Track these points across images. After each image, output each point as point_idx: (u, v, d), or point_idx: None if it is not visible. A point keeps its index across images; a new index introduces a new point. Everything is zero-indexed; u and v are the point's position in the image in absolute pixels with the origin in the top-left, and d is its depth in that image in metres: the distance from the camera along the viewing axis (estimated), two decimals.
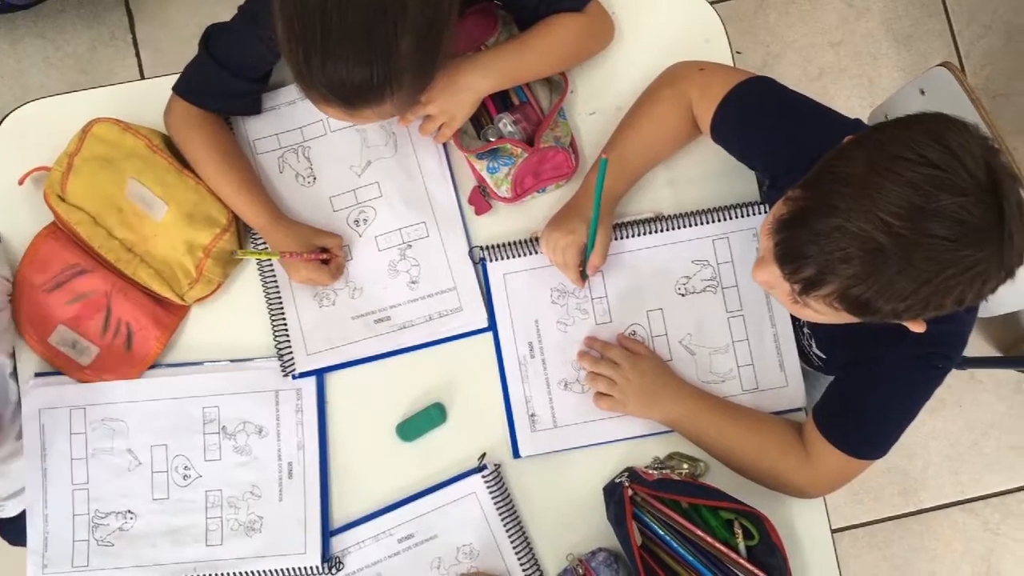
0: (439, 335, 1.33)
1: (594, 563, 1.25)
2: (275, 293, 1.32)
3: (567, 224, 1.26)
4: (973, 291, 0.91)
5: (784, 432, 1.25)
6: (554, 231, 1.27)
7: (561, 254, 1.27)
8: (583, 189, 1.30)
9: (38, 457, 1.31)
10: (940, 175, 0.88)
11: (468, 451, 1.31)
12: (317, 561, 1.27)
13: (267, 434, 1.30)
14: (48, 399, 1.32)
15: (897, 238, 0.89)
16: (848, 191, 0.91)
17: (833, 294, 0.95)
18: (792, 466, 1.22)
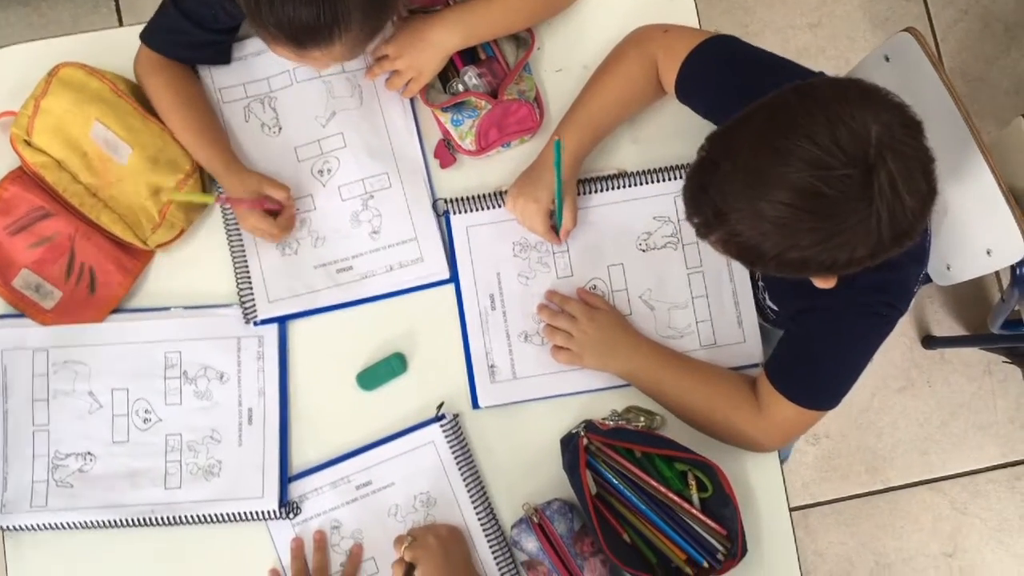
0: (400, 285, 1.34)
1: (549, 512, 1.26)
2: (238, 240, 1.33)
3: (532, 192, 1.28)
4: (843, 255, 0.94)
5: (737, 385, 1.26)
6: (518, 197, 1.29)
7: (529, 220, 1.29)
8: (544, 157, 1.30)
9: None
10: (812, 150, 0.89)
11: (428, 401, 1.32)
12: (274, 505, 1.28)
13: (228, 380, 1.31)
14: (10, 341, 1.32)
15: (767, 204, 0.92)
16: (732, 152, 0.95)
17: (719, 242, 1.00)
18: (745, 418, 1.24)
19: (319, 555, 1.28)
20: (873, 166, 0.88)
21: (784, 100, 0.94)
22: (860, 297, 1.12)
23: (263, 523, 1.30)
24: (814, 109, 0.91)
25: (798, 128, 0.90)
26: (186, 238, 1.35)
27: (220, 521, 1.29)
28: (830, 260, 0.95)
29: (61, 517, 1.28)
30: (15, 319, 1.33)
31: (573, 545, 1.25)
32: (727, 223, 0.96)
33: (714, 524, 1.24)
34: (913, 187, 0.91)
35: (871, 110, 0.90)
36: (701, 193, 0.98)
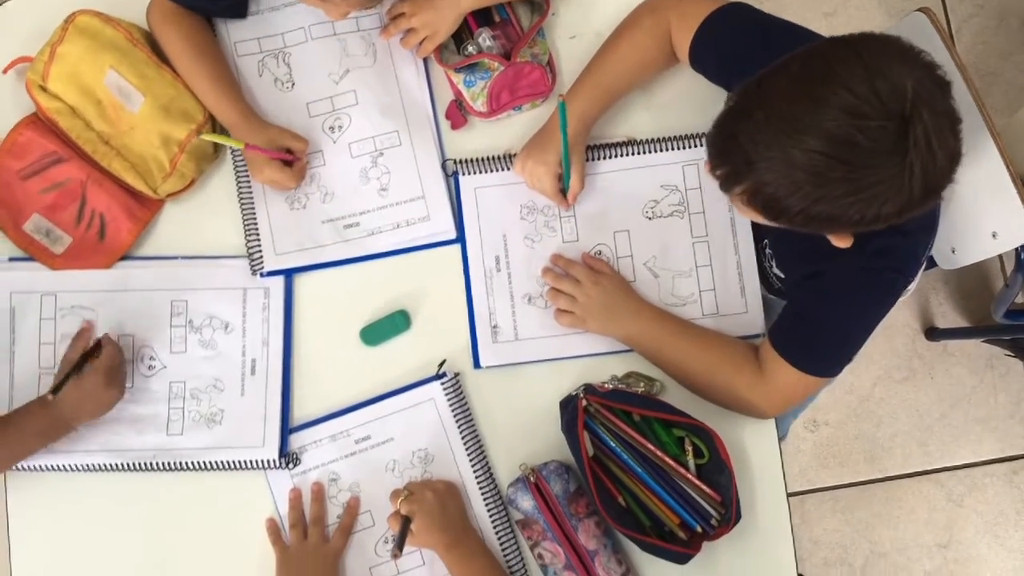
0: (406, 243, 1.34)
1: (545, 472, 1.27)
2: (247, 192, 1.34)
3: (540, 155, 1.29)
4: (871, 210, 0.93)
5: (739, 350, 1.26)
6: (527, 160, 1.30)
7: (538, 182, 1.30)
8: (553, 121, 1.31)
9: (7, 340, 1.32)
10: (850, 98, 0.89)
11: (429, 359, 1.33)
12: (275, 455, 1.29)
13: (233, 330, 1.32)
14: (19, 284, 1.33)
15: (801, 152, 0.91)
16: (766, 100, 0.94)
17: (745, 193, 0.99)
18: (746, 383, 1.24)
19: (316, 506, 1.29)
20: (909, 119, 0.88)
21: (822, 51, 0.94)
22: (869, 262, 1.12)
23: (262, 473, 1.31)
24: (852, 60, 0.90)
25: (836, 77, 0.90)
26: (196, 188, 1.36)
27: (220, 469, 1.30)
28: (857, 215, 0.94)
29: (64, 459, 1.29)
30: (25, 263, 1.34)
31: (568, 506, 1.26)
32: (755, 172, 0.95)
33: (709, 490, 1.25)
34: (945, 144, 0.91)
35: (907, 66, 0.90)
36: (731, 141, 0.97)
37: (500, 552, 1.28)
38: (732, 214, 1.34)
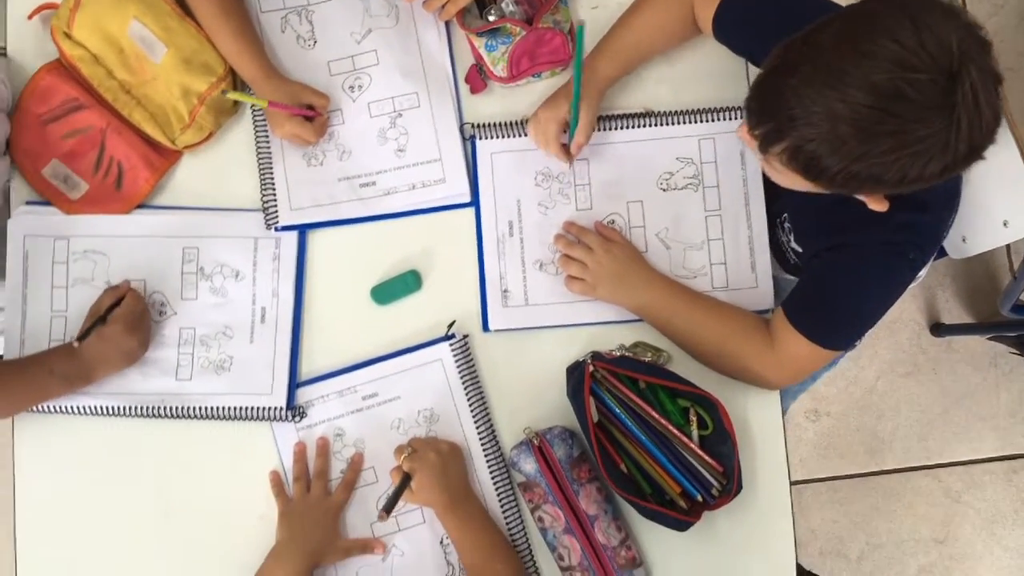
0: (421, 204, 1.35)
1: (549, 436, 1.28)
2: (265, 146, 1.35)
3: (552, 102, 1.30)
4: (915, 168, 0.93)
5: (750, 320, 1.27)
6: (539, 111, 1.31)
7: (543, 133, 1.30)
8: (570, 83, 1.31)
9: (20, 282, 1.34)
10: (898, 51, 0.89)
11: (438, 320, 1.34)
12: (282, 403, 1.30)
13: (243, 278, 1.33)
14: (34, 227, 1.34)
15: (846, 106, 0.91)
16: (812, 55, 0.94)
17: (786, 151, 0.98)
18: (756, 352, 1.25)
19: (321, 460, 1.30)
20: (958, 74, 0.88)
21: (867, 6, 0.94)
22: (890, 235, 1.12)
23: (267, 426, 1.32)
24: (899, 14, 0.90)
25: (884, 30, 0.90)
26: (214, 141, 1.37)
27: (227, 417, 1.31)
28: (899, 174, 0.93)
29: (72, 401, 1.30)
30: (39, 206, 1.35)
31: (571, 471, 1.27)
32: (798, 129, 0.94)
33: (711, 460, 1.26)
34: (990, 101, 0.90)
35: (952, 22, 0.90)
36: (774, 97, 0.96)
37: (500, 514, 1.29)
38: (747, 189, 1.34)
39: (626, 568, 1.25)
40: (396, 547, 1.29)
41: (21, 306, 1.33)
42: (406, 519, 1.29)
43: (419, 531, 1.29)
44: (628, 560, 1.26)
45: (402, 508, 1.30)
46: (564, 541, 1.26)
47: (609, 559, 1.25)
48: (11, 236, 1.34)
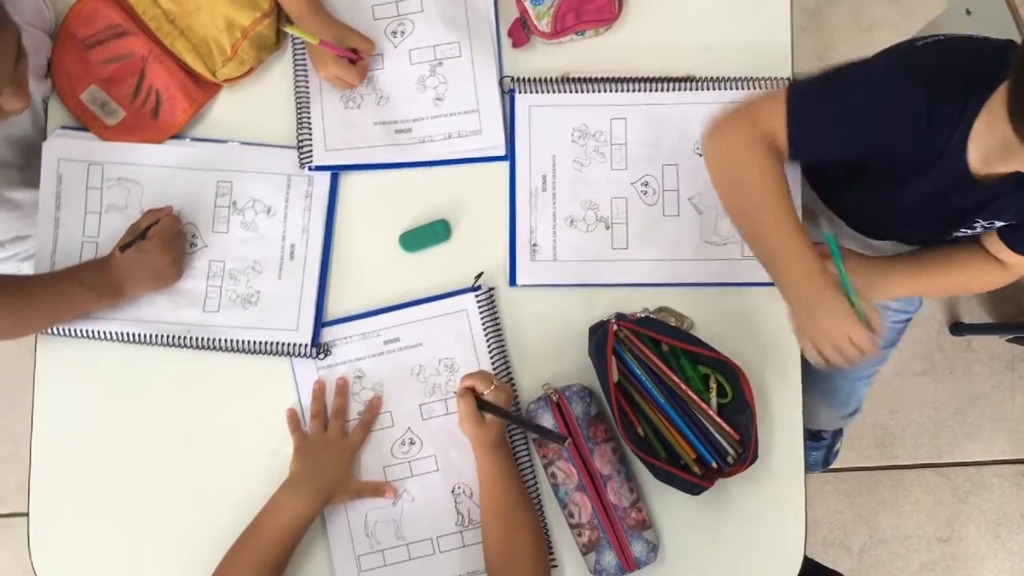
0: (455, 154, 1.35)
1: (568, 393, 1.28)
2: (304, 85, 1.35)
3: (824, 308, 1.13)
4: None
5: (978, 258, 1.30)
6: (816, 323, 1.14)
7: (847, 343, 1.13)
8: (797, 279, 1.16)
9: (53, 205, 1.34)
10: None
11: (465, 271, 1.34)
12: (307, 340, 1.30)
13: (275, 214, 1.34)
14: (69, 151, 1.35)
15: None
16: None
17: None
18: (993, 281, 1.31)
19: (340, 399, 1.30)
20: None
21: None
22: None
23: (286, 363, 1.32)
24: None
25: None
26: (254, 77, 1.37)
27: (252, 351, 1.31)
28: None
29: (100, 326, 1.31)
30: (75, 131, 1.35)
31: (587, 429, 1.27)
32: None
33: (728, 427, 1.26)
34: None
35: None
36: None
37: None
38: None
39: (635, 529, 1.25)
40: (408, 492, 1.29)
41: (53, 230, 1.33)
42: (419, 465, 1.30)
43: (432, 478, 1.29)
44: (638, 522, 1.26)
45: (416, 455, 1.30)
46: (575, 498, 1.26)
47: (619, 519, 1.25)
48: (45, 159, 1.34)
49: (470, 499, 1.28)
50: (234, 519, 1.23)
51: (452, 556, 1.28)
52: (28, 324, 1.29)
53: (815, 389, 1.60)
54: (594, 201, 1.35)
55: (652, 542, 1.26)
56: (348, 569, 1.27)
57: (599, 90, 1.35)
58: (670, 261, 1.33)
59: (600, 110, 1.35)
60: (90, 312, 1.30)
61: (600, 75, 1.36)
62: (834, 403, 1.63)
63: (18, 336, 1.31)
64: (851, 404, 1.65)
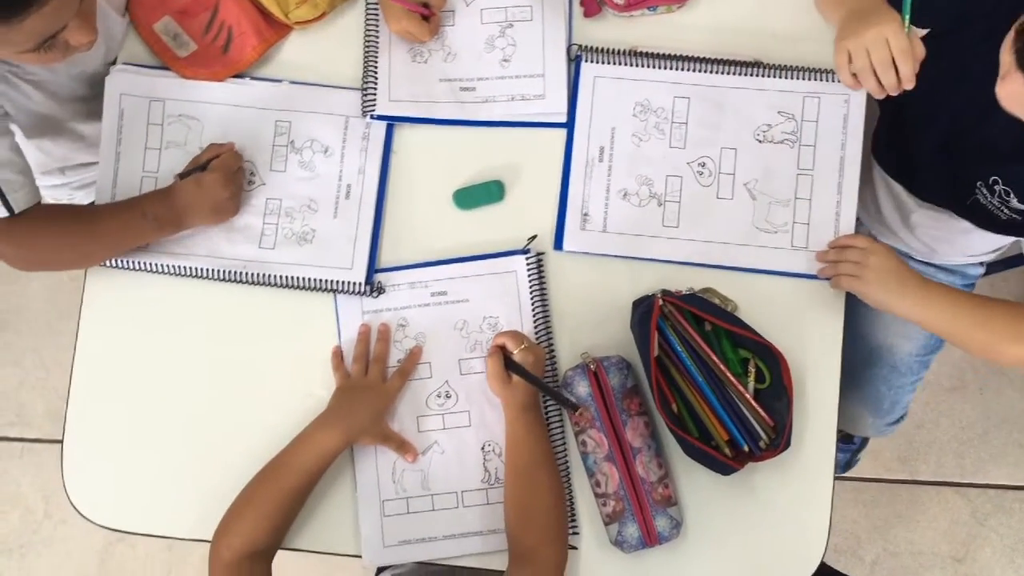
0: (516, 117, 1.36)
1: (607, 363, 1.28)
2: (374, 35, 1.36)
3: (873, 15, 1.12)
4: None
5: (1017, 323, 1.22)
6: (858, 30, 1.13)
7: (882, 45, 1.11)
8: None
9: (114, 139, 1.36)
10: None
11: (515, 234, 1.34)
12: (361, 278, 1.32)
13: (332, 154, 1.35)
14: (130, 86, 1.36)
15: None
16: None
17: None
18: (1016, 354, 1.21)
19: (382, 345, 1.31)
20: None
21: None
22: None
23: (331, 306, 1.34)
24: None
25: None
26: (325, 22, 1.38)
27: (306, 287, 1.33)
28: None
29: (155, 259, 1.33)
30: (137, 67, 1.37)
31: (622, 400, 1.28)
32: None
33: (763, 413, 1.26)
34: None
35: None
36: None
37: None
38: (843, 153, 1.33)
39: (660, 505, 1.26)
40: (438, 444, 1.30)
41: (114, 163, 1.35)
42: (453, 419, 1.31)
43: (464, 433, 1.30)
44: (664, 497, 1.27)
45: (450, 408, 1.31)
46: (604, 468, 1.27)
47: (645, 493, 1.25)
48: (108, 93, 1.36)
49: (499, 458, 1.29)
50: (265, 453, 1.25)
51: (475, 512, 1.29)
52: (91, 254, 1.31)
53: (857, 395, 1.59)
54: (649, 177, 1.35)
55: (676, 519, 1.27)
56: (372, 512, 1.28)
57: (665, 67, 1.35)
58: (719, 244, 1.34)
59: (664, 87, 1.35)
60: (150, 243, 1.32)
61: (667, 52, 1.36)
62: (877, 410, 1.62)
63: (82, 266, 1.34)
64: (895, 412, 1.64)
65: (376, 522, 1.28)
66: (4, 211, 1.18)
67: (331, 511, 1.30)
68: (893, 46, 1.10)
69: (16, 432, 2.23)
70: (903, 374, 1.58)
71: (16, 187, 1.19)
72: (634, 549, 1.26)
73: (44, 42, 1.03)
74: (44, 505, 2.22)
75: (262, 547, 1.20)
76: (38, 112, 1.30)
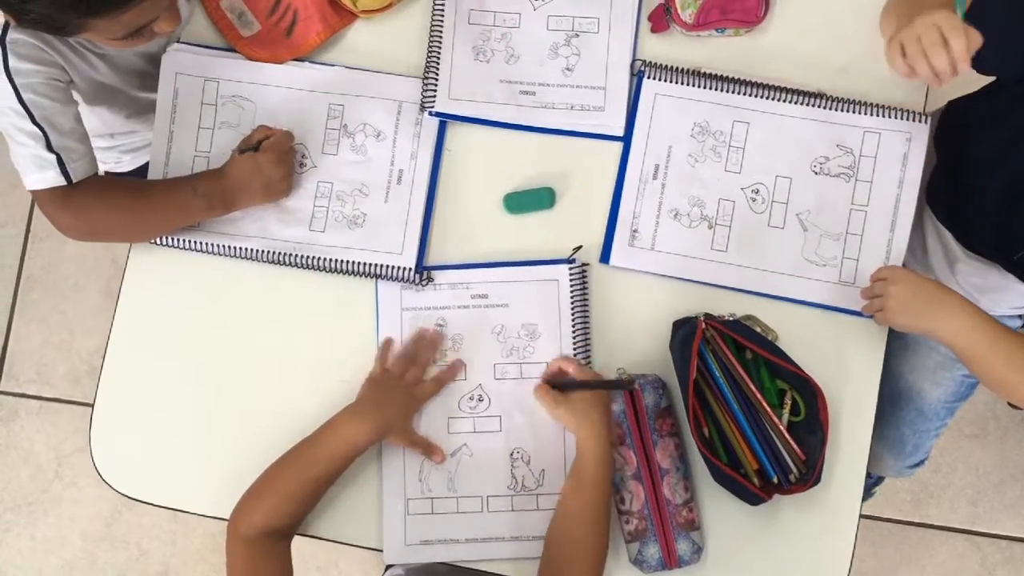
0: (574, 127, 1.35)
1: (642, 381, 1.28)
2: (439, 29, 1.36)
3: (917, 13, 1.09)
4: None
5: None
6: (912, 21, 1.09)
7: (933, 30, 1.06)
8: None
9: (168, 118, 1.36)
10: None
11: (561, 243, 1.34)
12: (411, 264, 1.31)
13: (384, 139, 1.35)
14: (186, 65, 1.36)
15: None
16: None
17: None
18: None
19: (429, 353, 1.31)
20: None
21: None
22: None
23: (372, 294, 1.33)
24: None
25: None
26: (392, 13, 1.38)
27: (355, 272, 1.32)
28: None
29: (206, 238, 1.33)
30: (193, 47, 1.37)
31: (654, 420, 1.27)
32: None
33: (796, 446, 1.25)
34: None
35: None
36: None
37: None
38: (900, 191, 1.32)
39: (683, 528, 1.25)
40: (467, 447, 1.30)
41: (167, 142, 1.36)
42: (483, 423, 1.30)
43: (493, 438, 1.30)
44: (687, 521, 1.26)
45: (482, 411, 1.31)
46: (630, 486, 1.26)
47: (669, 515, 1.25)
48: (163, 72, 1.36)
49: (527, 465, 1.29)
50: (291, 437, 1.24)
51: (499, 518, 1.28)
52: (143, 228, 1.32)
53: (880, 434, 1.57)
54: (702, 199, 1.34)
55: (698, 544, 1.26)
56: (396, 509, 1.28)
57: (727, 90, 1.34)
58: (767, 272, 1.33)
59: (725, 110, 1.35)
60: (200, 222, 1.32)
61: (731, 75, 1.35)
62: (899, 452, 1.60)
63: (133, 240, 1.35)
64: (916, 455, 1.62)
65: (399, 519, 1.28)
66: (63, 180, 1.19)
67: (354, 502, 1.30)
68: (944, 27, 1.05)
69: (35, 390, 2.24)
70: (929, 419, 1.56)
71: (76, 156, 1.20)
72: (653, 570, 1.25)
73: (136, 31, 1.10)
74: (56, 466, 2.22)
75: (282, 527, 1.20)
76: (100, 81, 1.31)
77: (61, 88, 1.20)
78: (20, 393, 2.24)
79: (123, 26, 1.07)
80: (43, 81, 1.17)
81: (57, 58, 1.20)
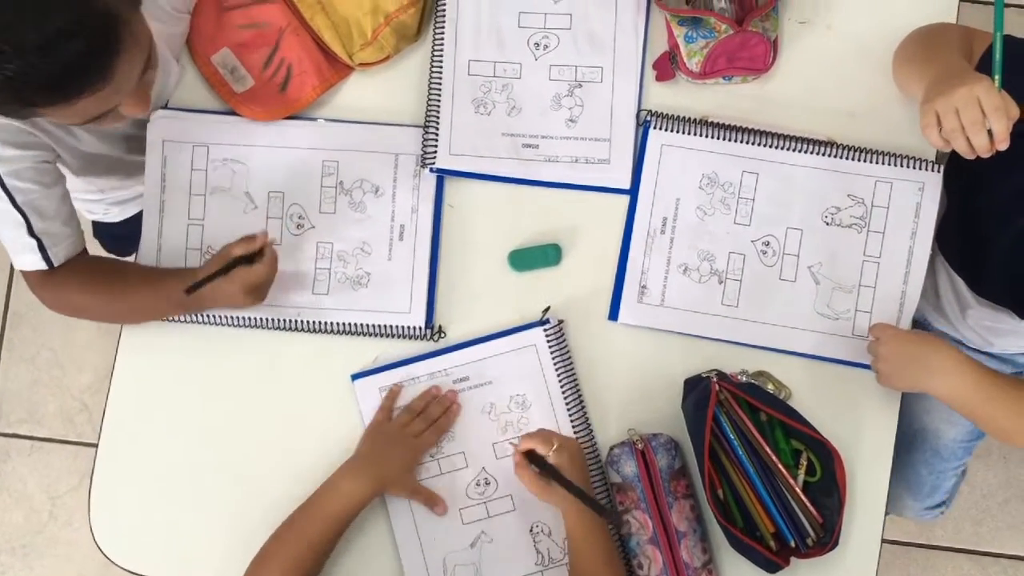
0: (579, 180, 1.32)
1: (655, 443, 1.25)
2: (438, 82, 1.32)
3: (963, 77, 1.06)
4: None
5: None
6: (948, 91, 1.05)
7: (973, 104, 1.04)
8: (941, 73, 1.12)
9: (157, 187, 1.32)
10: None
11: (568, 299, 1.31)
12: (420, 321, 1.28)
13: (383, 194, 1.31)
14: (173, 132, 1.32)
15: None
16: None
17: None
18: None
19: (435, 408, 1.28)
20: None
21: None
22: None
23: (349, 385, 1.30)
24: None
25: None
26: (388, 65, 1.34)
27: (363, 333, 1.30)
28: None
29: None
30: (179, 112, 1.33)
31: (669, 482, 1.24)
32: None
33: (812, 508, 1.23)
34: None
35: None
36: None
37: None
38: (913, 242, 1.29)
39: None
40: (485, 534, 1.26)
41: (159, 214, 1.31)
42: (496, 506, 1.27)
43: (510, 518, 1.26)
44: None
45: (492, 495, 1.28)
46: (647, 551, 1.24)
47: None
48: (150, 140, 1.32)
49: (549, 537, 1.26)
50: (295, 500, 1.22)
51: None
52: (119, 317, 1.32)
53: (897, 476, 1.54)
54: (711, 252, 1.31)
55: None
56: None
57: (736, 139, 1.31)
58: (778, 327, 1.30)
59: (733, 160, 1.31)
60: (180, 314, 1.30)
61: (739, 123, 1.32)
62: (917, 493, 1.59)
63: (115, 322, 1.33)
64: (935, 496, 1.60)
65: None
66: (44, 264, 1.19)
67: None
68: (985, 104, 1.03)
69: (26, 430, 2.20)
70: (945, 459, 1.55)
71: (59, 240, 1.19)
72: None
73: (96, 118, 1.03)
74: (50, 506, 2.18)
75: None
76: (87, 152, 1.27)
77: (47, 170, 1.17)
78: (11, 433, 2.20)
79: (77, 114, 1.00)
80: (28, 166, 1.14)
81: (43, 137, 1.16)
